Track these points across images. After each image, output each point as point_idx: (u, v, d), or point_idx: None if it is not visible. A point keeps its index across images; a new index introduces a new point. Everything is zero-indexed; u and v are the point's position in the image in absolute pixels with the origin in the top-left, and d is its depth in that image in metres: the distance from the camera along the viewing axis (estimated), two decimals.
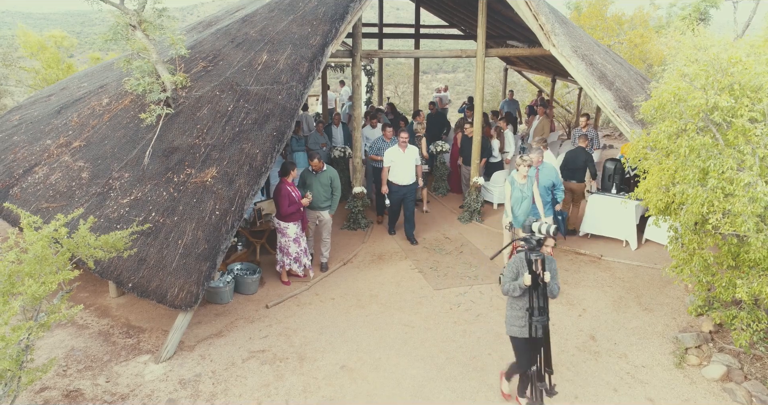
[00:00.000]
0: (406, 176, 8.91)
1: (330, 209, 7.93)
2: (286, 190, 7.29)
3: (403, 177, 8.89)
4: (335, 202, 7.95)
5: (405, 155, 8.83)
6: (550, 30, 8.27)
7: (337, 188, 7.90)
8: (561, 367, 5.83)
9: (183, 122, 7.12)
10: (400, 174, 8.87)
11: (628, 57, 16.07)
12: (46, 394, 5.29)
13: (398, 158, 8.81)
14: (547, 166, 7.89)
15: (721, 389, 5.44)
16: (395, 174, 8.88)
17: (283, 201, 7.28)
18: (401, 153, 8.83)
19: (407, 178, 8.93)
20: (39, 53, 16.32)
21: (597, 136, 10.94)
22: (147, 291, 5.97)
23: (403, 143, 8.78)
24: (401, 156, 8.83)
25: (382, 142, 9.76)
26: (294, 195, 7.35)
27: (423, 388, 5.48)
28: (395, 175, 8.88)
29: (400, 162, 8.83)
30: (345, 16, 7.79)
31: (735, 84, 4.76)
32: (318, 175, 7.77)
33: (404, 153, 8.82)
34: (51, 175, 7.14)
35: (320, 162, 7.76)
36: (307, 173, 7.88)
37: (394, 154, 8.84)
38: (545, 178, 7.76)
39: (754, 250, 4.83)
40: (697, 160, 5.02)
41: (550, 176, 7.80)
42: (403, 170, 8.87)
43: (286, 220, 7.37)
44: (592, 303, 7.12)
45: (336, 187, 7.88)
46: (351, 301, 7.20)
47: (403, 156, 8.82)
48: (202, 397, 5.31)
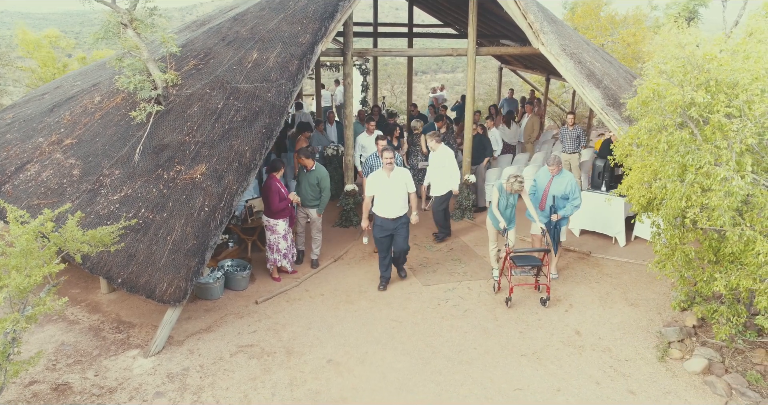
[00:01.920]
0: (395, 207, 7.07)
1: (318, 209, 7.90)
2: (275, 187, 7.35)
3: (391, 208, 7.06)
4: (323, 202, 7.87)
5: (391, 181, 6.99)
6: (538, 28, 8.34)
7: (325, 189, 7.79)
8: (545, 360, 5.90)
9: (173, 120, 7.18)
10: (386, 205, 7.06)
11: (621, 56, 16.14)
12: (35, 387, 5.35)
13: (383, 185, 7.00)
14: (563, 176, 7.37)
15: (702, 382, 5.51)
16: (381, 205, 7.10)
17: (273, 197, 7.33)
18: (386, 178, 7.00)
19: (396, 209, 7.09)
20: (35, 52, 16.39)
21: (583, 134, 11.01)
22: (136, 286, 6.04)
23: (388, 166, 6.98)
24: (386, 182, 6.99)
25: (375, 159, 8.32)
26: (284, 191, 7.42)
27: (408, 382, 5.55)
28: (381, 207, 7.10)
29: (387, 190, 7.00)
30: (335, 15, 7.87)
31: (711, 80, 4.83)
32: (307, 175, 7.78)
33: (389, 178, 7.00)
34: (42, 172, 7.20)
35: (307, 160, 7.73)
36: (300, 170, 7.91)
37: (377, 180, 7.04)
38: (558, 188, 7.33)
39: (732, 244, 4.90)
40: (676, 155, 5.09)
41: (564, 187, 7.30)
42: (390, 200, 7.04)
43: (276, 217, 7.44)
44: (579, 298, 7.19)
45: (324, 188, 7.79)
46: (340, 297, 7.27)
47: (388, 182, 6.99)
48: (189, 390, 5.38)
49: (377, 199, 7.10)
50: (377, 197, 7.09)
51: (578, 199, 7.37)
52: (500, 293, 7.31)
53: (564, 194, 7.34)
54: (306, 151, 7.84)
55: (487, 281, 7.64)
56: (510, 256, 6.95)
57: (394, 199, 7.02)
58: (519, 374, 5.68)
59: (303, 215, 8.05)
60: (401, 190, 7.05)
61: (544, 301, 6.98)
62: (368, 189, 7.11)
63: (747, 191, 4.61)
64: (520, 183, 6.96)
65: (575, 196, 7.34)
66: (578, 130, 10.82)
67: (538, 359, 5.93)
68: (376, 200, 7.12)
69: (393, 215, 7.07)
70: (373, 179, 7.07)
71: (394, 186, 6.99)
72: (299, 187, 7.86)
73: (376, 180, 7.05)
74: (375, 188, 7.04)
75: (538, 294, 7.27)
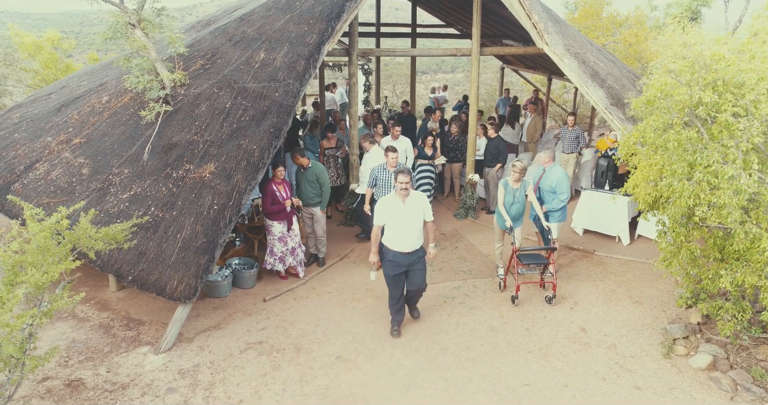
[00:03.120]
0: (410, 239, 5.97)
1: (321, 205, 7.90)
2: (270, 189, 7.34)
3: (406, 240, 5.96)
4: (325, 197, 7.87)
5: (406, 209, 5.90)
6: (543, 29, 8.40)
7: (325, 184, 7.80)
8: (552, 357, 5.96)
9: (182, 119, 7.24)
10: (400, 236, 5.96)
11: (623, 56, 16.22)
12: (48, 383, 5.41)
13: (396, 213, 5.92)
14: (553, 170, 7.59)
15: (707, 378, 5.58)
16: (393, 237, 6.00)
17: (265, 199, 7.38)
18: (399, 205, 5.90)
19: (412, 242, 5.99)
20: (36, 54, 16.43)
21: (583, 134, 11.10)
22: (146, 284, 6.10)
23: (402, 191, 5.85)
24: (400, 210, 5.90)
25: (382, 171, 7.69)
26: (279, 194, 7.37)
27: (416, 378, 5.61)
28: (393, 239, 6.01)
29: (401, 219, 5.91)
30: (341, 15, 7.92)
31: (718, 80, 4.90)
32: (304, 173, 7.77)
33: (404, 205, 5.90)
34: (52, 171, 7.26)
35: (303, 159, 7.71)
36: (297, 171, 7.91)
37: (389, 207, 5.95)
38: (546, 181, 7.56)
39: (738, 242, 4.97)
40: (684, 154, 5.16)
41: (552, 180, 7.52)
42: (404, 231, 5.93)
43: (271, 219, 7.45)
44: (584, 296, 7.26)
45: (323, 183, 7.78)
46: (347, 294, 7.33)
47: (403, 210, 5.90)
48: (200, 386, 5.44)
49: (389, 229, 5.99)
50: (389, 227, 5.98)
51: (564, 194, 7.53)
52: (505, 291, 7.38)
53: (551, 188, 7.52)
54: (300, 151, 7.82)
55: (493, 279, 7.71)
56: (516, 254, 7.02)
57: (409, 230, 5.93)
58: (526, 370, 5.74)
59: (308, 216, 8.04)
60: (417, 220, 5.97)
61: (550, 299, 7.05)
62: (378, 216, 5.99)
63: (754, 189, 4.68)
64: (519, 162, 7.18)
65: (561, 190, 7.49)
66: (578, 131, 10.90)
67: (545, 356, 6.00)
68: (387, 230, 6.03)
69: (408, 248, 5.98)
70: (384, 206, 5.96)
71: (410, 215, 5.91)
72: (299, 188, 7.86)
73: (387, 207, 5.94)
74: (386, 216, 5.96)
75: (544, 292, 7.34)
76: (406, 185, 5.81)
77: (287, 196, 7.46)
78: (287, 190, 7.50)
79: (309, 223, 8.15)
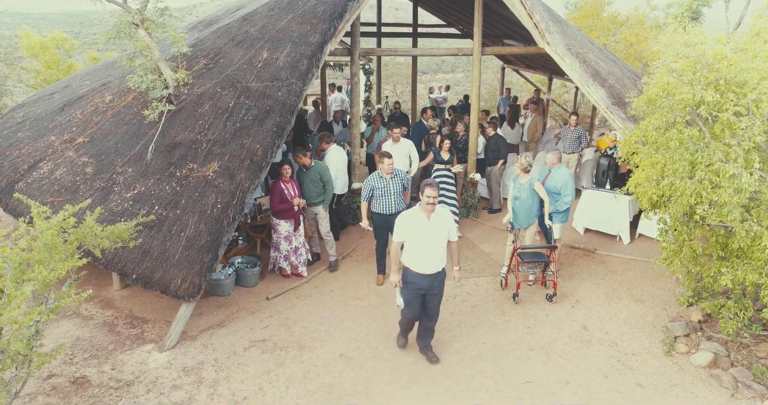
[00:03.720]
0: (434, 260, 5.39)
1: (324, 204, 7.87)
2: (278, 188, 7.40)
3: (429, 261, 5.38)
4: (328, 195, 7.85)
5: (431, 226, 5.33)
6: (544, 28, 8.43)
7: (328, 182, 7.78)
8: (554, 355, 6.00)
9: (185, 118, 7.28)
10: (422, 257, 5.37)
11: (624, 56, 16.26)
12: (54, 380, 5.45)
13: (420, 230, 5.33)
14: (559, 171, 7.47)
15: (708, 375, 5.61)
16: (414, 257, 5.41)
17: (273, 198, 7.42)
18: (424, 222, 5.32)
19: (435, 263, 5.41)
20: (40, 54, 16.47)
21: (585, 135, 11.14)
22: (151, 282, 6.13)
23: (428, 206, 5.25)
24: (424, 227, 5.32)
25: (378, 180, 7.22)
26: (287, 193, 7.41)
27: (419, 375, 5.64)
28: (414, 259, 5.42)
29: (424, 237, 5.32)
30: (344, 15, 7.96)
31: (720, 79, 4.94)
32: (307, 172, 7.76)
33: (428, 222, 5.32)
34: (56, 170, 7.30)
35: (305, 158, 7.69)
36: (299, 171, 7.87)
37: (411, 222, 5.36)
38: (551, 182, 7.45)
39: (739, 240, 5.01)
40: (686, 153, 5.20)
41: (557, 182, 7.41)
42: (428, 250, 5.35)
43: (278, 217, 7.49)
44: (585, 294, 7.29)
45: (327, 181, 7.76)
46: (350, 293, 7.37)
47: (427, 227, 5.32)
48: (205, 383, 5.48)
49: (410, 247, 5.41)
50: (410, 245, 5.41)
51: (569, 196, 7.42)
52: (507, 289, 7.41)
53: (557, 189, 7.43)
54: (301, 150, 7.80)
55: (494, 278, 7.74)
56: (517, 252, 7.06)
57: (433, 250, 5.36)
58: (528, 368, 5.78)
59: (311, 214, 8.04)
60: (442, 239, 5.43)
61: (551, 297, 7.08)
62: (398, 232, 5.44)
63: (755, 188, 4.72)
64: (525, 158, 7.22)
65: (566, 192, 7.39)
66: (580, 131, 10.93)
67: (547, 353, 6.03)
68: (407, 249, 5.45)
69: (430, 270, 5.42)
70: (405, 221, 5.37)
71: (435, 232, 5.35)
72: (302, 187, 7.79)
73: (409, 222, 5.36)
74: (407, 233, 5.39)
75: (545, 290, 7.38)
76: (433, 200, 5.25)
77: (295, 194, 7.50)
78: (295, 189, 7.54)
79: (314, 223, 8.16)
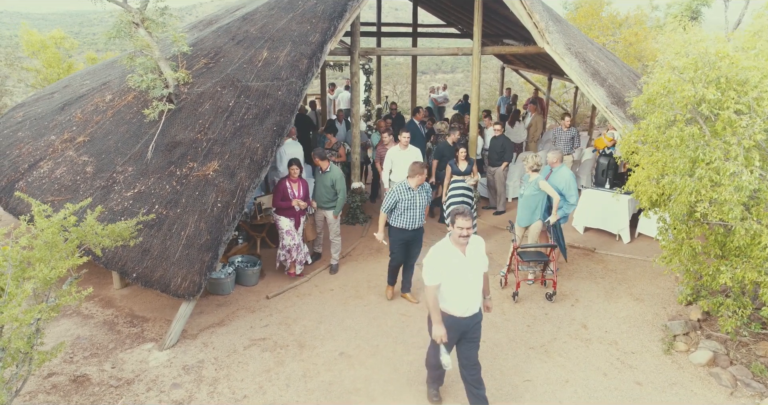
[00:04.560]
0: (473, 300, 4.69)
1: (335, 210, 7.76)
2: (283, 186, 7.44)
3: (468, 302, 4.67)
4: (339, 204, 7.72)
5: (468, 262, 4.62)
6: (544, 28, 8.44)
7: (341, 191, 7.64)
8: (553, 353, 6.00)
9: (185, 117, 7.28)
10: (461, 298, 4.63)
11: (624, 55, 16.28)
12: (54, 379, 5.45)
13: (457, 267, 4.59)
14: (560, 171, 7.40)
15: (707, 374, 5.62)
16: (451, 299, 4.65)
17: (276, 193, 7.49)
18: (460, 258, 4.60)
19: (474, 303, 4.70)
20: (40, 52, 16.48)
21: (578, 135, 11.18)
22: (151, 281, 6.14)
23: (462, 239, 4.53)
24: (462, 263, 4.60)
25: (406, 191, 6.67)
26: (291, 192, 7.43)
27: (419, 374, 5.65)
28: (452, 301, 4.65)
29: (462, 275, 4.60)
30: (344, 14, 7.97)
31: (722, 77, 4.95)
32: (322, 176, 7.69)
33: (465, 257, 4.61)
34: (56, 169, 7.30)
35: (323, 161, 7.60)
36: (316, 170, 7.85)
37: (447, 259, 4.59)
38: (552, 182, 7.38)
39: (739, 238, 5.01)
40: (687, 150, 5.21)
41: (558, 182, 7.33)
42: (467, 290, 4.64)
43: (278, 213, 7.52)
44: (585, 293, 7.30)
45: (340, 190, 7.64)
46: (349, 292, 7.38)
47: (465, 263, 4.60)
48: (205, 381, 5.48)
49: (445, 289, 4.62)
50: (446, 286, 4.61)
51: (574, 197, 7.32)
52: (507, 288, 7.42)
53: (558, 189, 7.36)
54: (320, 153, 7.67)
55: (494, 277, 7.75)
56: (517, 251, 7.07)
57: (472, 289, 4.63)
58: (528, 366, 5.79)
59: (320, 217, 7.97)
60: (481, 273, 4.71)
61: (551, 296, 7.09)
62: (432, 273, 4.59)
63: (755, 186, 4.73)
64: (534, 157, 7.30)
65: (571, 193, 7.28)
66: (573, 132, 10.97)
67: (546, 352, 6.04)
68: (443, 291, 4.64)
69: (469, 312, 4.67)
70: (439, 259, 4.58)
71: (473, 268, 4.61)
72: (315, 189, 7.78)
73: (444, 260, 4.57)
74: (443, 271, 4.56)
75: (545, 289, 7.38)
76: (467, 232, 4.45)
77: (298, 195, 7.46)
78: (302, 190, 7.49)
79: (320, 225, 8.06)
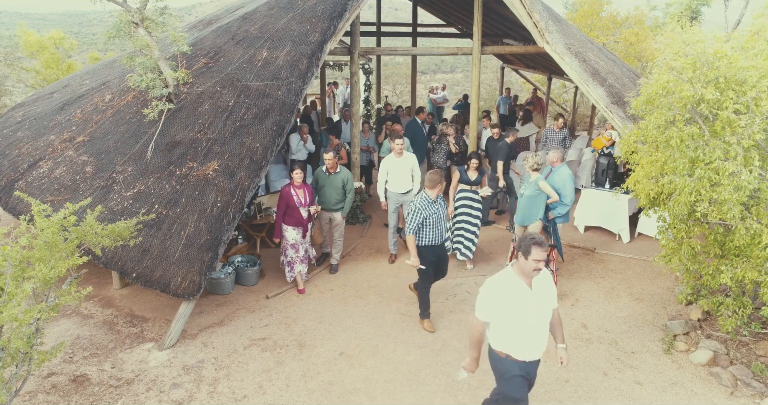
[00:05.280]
0: (541, 341, 4.06)
1: (342, 211, 7.66)
2: (287, 193, 7.04)
3: (537, 344, 4.04)
4: (348, 203, 7.61)
5: (535, 296, 3.97)
6: (543, 27, 8.45)
7: (351, 190, 7.55)
8: (553, 353, 5.99)
9: (185, 117, 7.28)
10: (528, 339, 3.99)
11: (623, 55, 16.28)
12: (54, 379, 5.45)
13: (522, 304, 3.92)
14: (559, 171, 7.30)
15: (707, 373, 5.62)
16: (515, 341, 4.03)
17: (280, 203, 7.08)
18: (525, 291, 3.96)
19: (542, 345, 4.09)
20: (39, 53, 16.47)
21: (569, 136, 11.21)
22: (151, 280, 6.13)
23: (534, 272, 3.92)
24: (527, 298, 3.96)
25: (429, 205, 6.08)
26: (297, 200, 7.03)
27: (419, 373, 5.65)
28: (515, 344, 4.03)
29: (530, 313, 3.93)
30: (343, 14, 7.97)
31: (720, 77, 4.95)
32: (331, 177, 7.48)
33: (532, 291, 3.97)
34: (55, 169, 7.30)
35: (334, 161, 7.40)
36: (320, 173, 7.53)
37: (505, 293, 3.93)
38: (551, 181, 7.31)
39: (738, 238, 5.01)
40: (686, 150, 5.20)
41: (557, 182, 7.24)
42: (535, 331, 3.99)
43: (285, 223, 7.15)
44: (585, 293, 7.30)
45: (349, 190, 7.53)
46: (349, 292, 7.37)
47: (530, 298, 3.96)
48: (205, 381, 5.48)
49: (510, 329, 3.97)
50: (510, 326, 3.97)
51: (569, 198, 7.22)
52: None
53: (556, 189, 7.29)
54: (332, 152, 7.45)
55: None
56: None
57: (541, 328, 4.00)
58: None
59: (326, 219, 7.79)
60: (550, 310, 4.06)
61: None
62: (485, 309, 4.00)
63: (754, 186, 4.73)
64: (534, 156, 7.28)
65: (566, 193, 7.20)
66: (565, 132, 10.99)
67: (546, 351, 6.02)
68: (501, 331, 4.03)
69: (538, 354, 4.09)
70: (497, 294, 3.95)
71: (542, 304, 3.98)
72: (321, 191, 7.56)
73: (503, 295, 3.93)
74: (502, 309, 3.94)
75: None
76: (540, 265, 3.85)
77: (305, 202, 7.12)
78: (308, 196, 7.13)
79: (326, 227, 7.86)
